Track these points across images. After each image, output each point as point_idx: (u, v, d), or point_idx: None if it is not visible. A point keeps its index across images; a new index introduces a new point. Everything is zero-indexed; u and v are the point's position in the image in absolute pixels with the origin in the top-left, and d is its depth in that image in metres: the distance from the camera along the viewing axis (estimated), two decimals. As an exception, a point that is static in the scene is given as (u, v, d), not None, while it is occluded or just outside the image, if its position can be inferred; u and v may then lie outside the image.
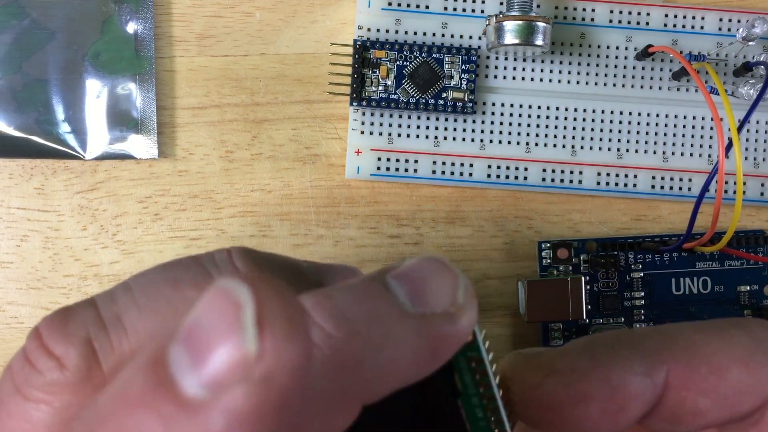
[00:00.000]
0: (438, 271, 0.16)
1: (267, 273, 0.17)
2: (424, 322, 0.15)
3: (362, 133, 0.31)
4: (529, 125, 0.31)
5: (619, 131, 0.31)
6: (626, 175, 0.31)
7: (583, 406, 0.18)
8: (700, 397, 0.18)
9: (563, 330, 0.30)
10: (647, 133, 0.31)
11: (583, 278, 0.29)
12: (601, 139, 0.31)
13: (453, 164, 0.31)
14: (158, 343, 0.12)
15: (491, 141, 0.31)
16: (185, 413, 0.11)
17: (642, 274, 0.30)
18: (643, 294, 0.30)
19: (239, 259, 0.17)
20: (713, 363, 0.18)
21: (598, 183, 0.31)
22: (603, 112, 0.31)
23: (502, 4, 0.30)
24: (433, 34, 0.31)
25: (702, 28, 0.31)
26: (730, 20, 0.31)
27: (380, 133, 0.31)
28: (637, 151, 0.31)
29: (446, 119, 0.31)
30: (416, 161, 0.31)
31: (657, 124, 0.31)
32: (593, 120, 0.31)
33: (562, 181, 0.31)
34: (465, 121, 0.31)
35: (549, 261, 0.30)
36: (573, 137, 0.31)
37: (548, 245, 0.30)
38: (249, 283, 0.11)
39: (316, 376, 0.14)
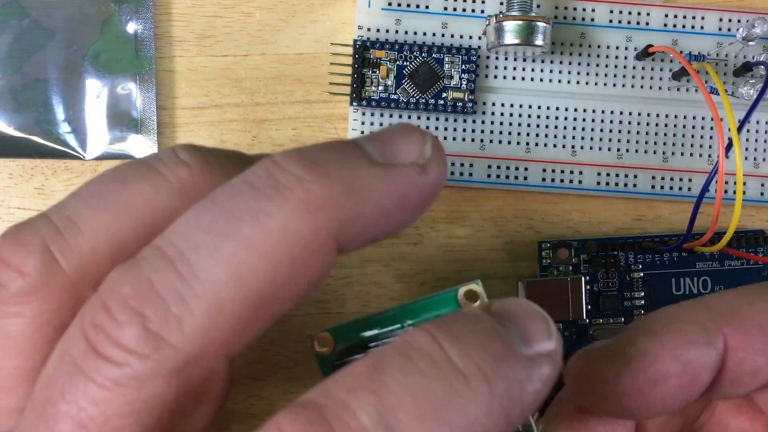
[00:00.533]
0: (406, 130, 0.17)
1: (215, 163, 0.18)
2: (392, 170, 0.16)
3: (362, 133, 0.31)
4: (529, 125, 0.31)
5: (619, 131, 0.31)
6: (626, 175, 0.31)
7: (661, 386, 0.19)
8: (757, 357, 0.19)
9: (563, 330, 0.30)
10: (647, 133, 0.31)
11: (583, 278, 0.29)
12: (601, 139, 0.31)
13: (453, 164, 0.31)
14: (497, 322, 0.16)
15: (491, 141, 0.31)
16: (520, 361, 0.16)
17: (642, 274, 0.30)
18: (643, 294, 0.30)
19: (184, 152, 0.18)
20: (762, 323, 0.20)
21: (598, 183, 0.31)
22: (603, 112, 0.31)
23: (502, 4, 0.30)
24: (433, 34, 0.31)
25: (702, 28, 0.31)
26: (730, 20, 0.31)
27: (380, 133, 0.30)
28: (637, 151, 0.31)
29: (446, 119, 0.31)
30: (416, 161, 0.30)
31: (657, 124, 0.31)
32: (593, 120, 0.31)
33: (562, 181, 0.31)
34: (465, 121, 0.31)
35: (549, 261, 0.30)
36: (573, 137, 0.31)
37: (548, 245, 0.30)
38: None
39: (295, 221, 0.15)
